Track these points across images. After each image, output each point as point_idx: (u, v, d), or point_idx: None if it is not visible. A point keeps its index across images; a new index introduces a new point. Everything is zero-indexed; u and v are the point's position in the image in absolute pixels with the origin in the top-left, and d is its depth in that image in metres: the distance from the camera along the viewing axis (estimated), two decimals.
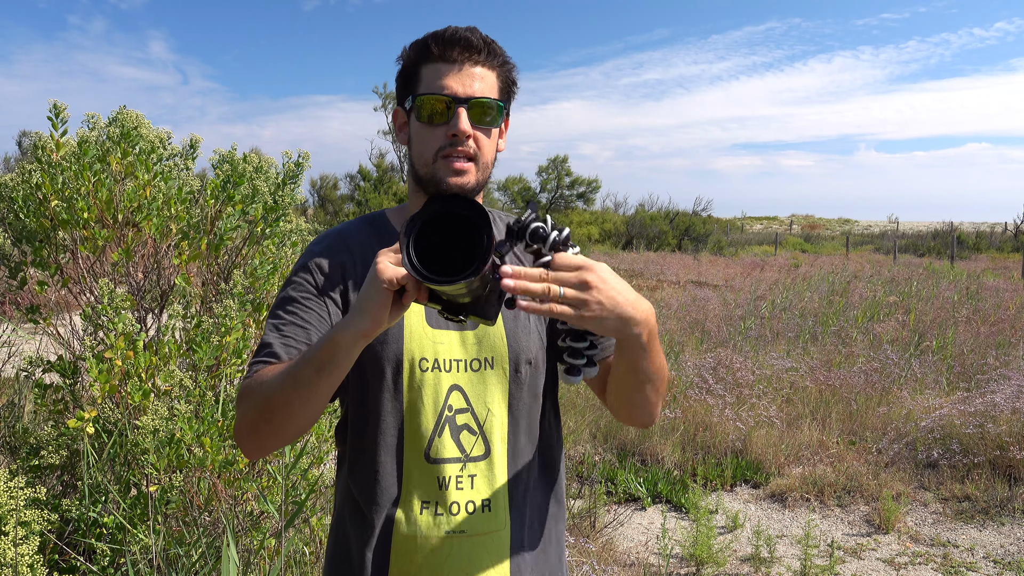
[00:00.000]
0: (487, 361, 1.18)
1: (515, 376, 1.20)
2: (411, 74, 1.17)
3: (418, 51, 1.16)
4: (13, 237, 3.01)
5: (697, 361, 6.79)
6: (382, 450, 1.16)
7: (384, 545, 1.15)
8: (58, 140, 2.86)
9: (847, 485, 4.78)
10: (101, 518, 2.44)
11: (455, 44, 1.14)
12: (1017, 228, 35.35)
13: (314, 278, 1.18)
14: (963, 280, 14.41)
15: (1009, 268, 20.40)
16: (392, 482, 1.15)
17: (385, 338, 1.15)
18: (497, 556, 1.16)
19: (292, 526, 2.58)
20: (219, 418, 2.41)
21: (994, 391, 5.48)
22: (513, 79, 1.21)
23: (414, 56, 1.17)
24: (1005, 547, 4.05)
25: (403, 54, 1.20)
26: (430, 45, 1.15)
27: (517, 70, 1.22)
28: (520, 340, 1.21)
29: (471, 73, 1.14)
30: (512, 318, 1.22)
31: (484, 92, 1.15)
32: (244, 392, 1.09)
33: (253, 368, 1.11)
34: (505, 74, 1.19)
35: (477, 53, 1.15)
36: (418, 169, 1.17)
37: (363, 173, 31.31)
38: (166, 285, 3.03)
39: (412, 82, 1.17)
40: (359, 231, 1.24)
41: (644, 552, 3.95)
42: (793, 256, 25.22)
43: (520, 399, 1.21)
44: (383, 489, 1.15)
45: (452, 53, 1.14)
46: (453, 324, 1.18)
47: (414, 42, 1.18)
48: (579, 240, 26.50)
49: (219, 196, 2.97)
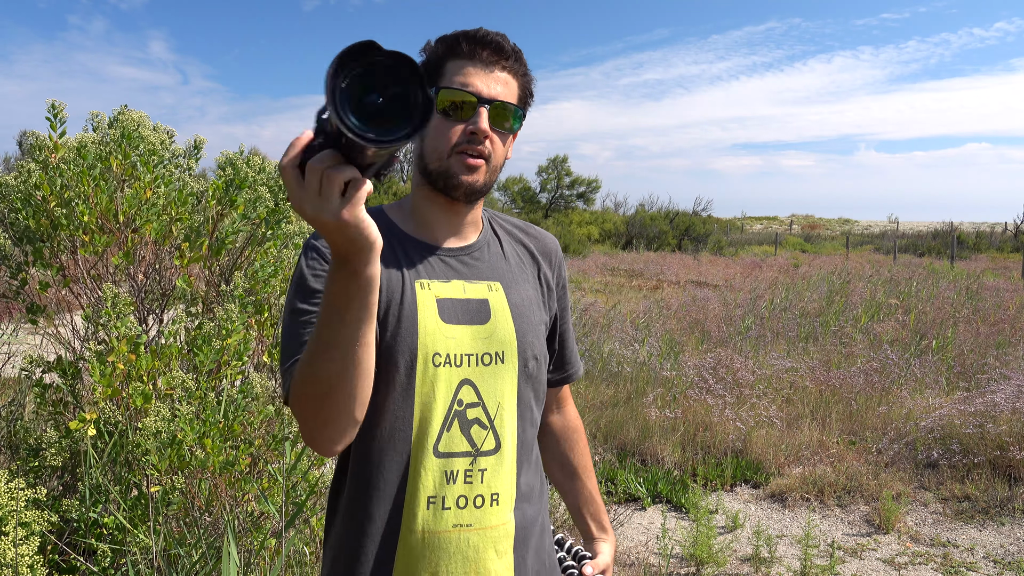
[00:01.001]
0: (498, 356, 1.19)
1: (524, 370, 1.22)
2: (435, 67, 1.18)
3: (447, 46, 1.18)
4: (14, 237, 3.02)
5: (697, 361, 6.79)
6: (391, 444, 1.16)
7: (390, 539, 1.15)
8: (56, 141, 2.86)
9: (847, 485, 4.78)
10: (102, 519, 2.44)
11: (486, 45, 1.16)
12: (1017, 228, 35.35)
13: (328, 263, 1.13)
14: (963, 280, 14.41)
15: (1009, 268, 20.40)
16: (400, 476, 1.15)
17: (399, 333, 1.15)
18: (502, 548, 1.18)
19: (292, 526, 2.58)
20: (220, 419, 2.42)
21: (994, 391, 5.48)
22: (531, 91, 1.23)
23: (441, 51, 1.18)
24: (1005, 547, 4.05)
25: (427, 47, 1.21)
26: (460, 42, 1.16)
27: (536, 82, 1.24)
28: (528, 336, 1.23)
29: (496, 77, 1.16)
30: (521, 314, 1.23)
31: (507, 97, 1.17)
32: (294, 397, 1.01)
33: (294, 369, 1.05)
34: (525, 84, 1.22)
35: (505, 59, 1.17)
36: (429, 163, 1.18)
37: None
38: (167, 287, 3.04)
39: (435, 74, 1.18)
40: None
41: (644, 552, 3.95)
42: (793, 256, 25.23)
43: (528, 393, 1.23)
44: (390, 483, 1.16)
45: (482, 53, 1.16)
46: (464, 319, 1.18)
47: (442, 37, 1.19)
48: (579, 240, 26.48)
49: (221, 199, 2.98)
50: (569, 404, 1.50)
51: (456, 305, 1.19)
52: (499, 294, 1.23)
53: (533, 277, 1.31)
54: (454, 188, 1.17)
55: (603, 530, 1.46)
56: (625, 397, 6.05)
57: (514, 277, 1.27)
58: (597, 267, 19.73)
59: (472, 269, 1.24)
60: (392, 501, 1.15)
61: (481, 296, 1.21)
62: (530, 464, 1.25)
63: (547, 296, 1.33)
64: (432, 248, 1.23)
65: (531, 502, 1.25)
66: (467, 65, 1.16)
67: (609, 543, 1.45)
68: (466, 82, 1.15)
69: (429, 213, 1.23)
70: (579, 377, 1.46)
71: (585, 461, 1.48)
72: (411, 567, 1.15)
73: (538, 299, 1.30)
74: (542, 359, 1.26)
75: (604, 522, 1.47)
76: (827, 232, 48.04)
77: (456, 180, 1.15)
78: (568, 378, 1.43)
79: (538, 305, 1.29)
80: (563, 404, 1.49)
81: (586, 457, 1.49)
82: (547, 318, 1.32)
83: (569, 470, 1.47)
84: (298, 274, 1.16)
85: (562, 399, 1.48)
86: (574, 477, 1.47)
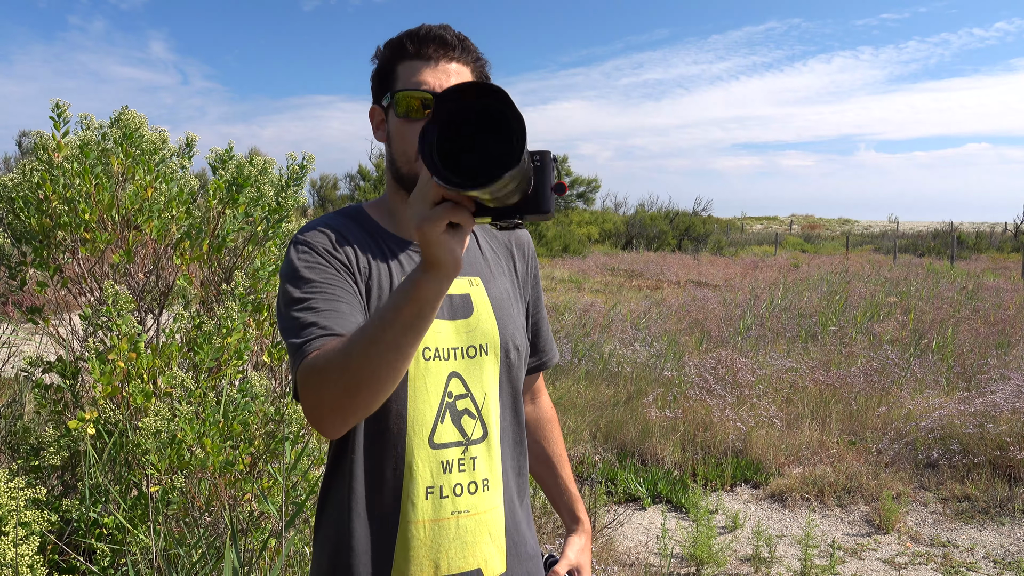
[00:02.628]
0: (482, 348, 1.24)
1: (506, 361, 1.27)
2: (387, 72, 1.21)
3: (393, 49, 1.20)
4: (13, 237, 3.02)
5: (697, 361, 6.79)
6: (388, 438, 1.18)
7: (388, 531, 1.18)
8: (59, 141, 2.86)
9: (847, 485, 4.78)
10: (101, 518, 2.44)
11: (430, 41, 1.18)
12: (1017, 228, 35.35)
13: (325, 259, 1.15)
14: (963, 280, 14.41)
15: (1009, 268, 20.40)
16: (398, 469, 1.18)
17: None
18: (495, 531, 1.23)
19: (292, 526, 2.58)
20: (220, 419, 2.41)
21: (994, 391, 5.48)
22: (487, 75, 1.25)
23: (389, 54, 1.21)
24: (1005, 547, 4.05)
25: (377, 53, 1.24)
26: (405, 43, 1.19)
27: (490, 65, 1.26)
28: (509, 328, 1.27)
29: (446, 69, 1.18)
30: (501, 307, 1.28)
31: None
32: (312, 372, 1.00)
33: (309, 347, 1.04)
34: (479, 69, 1.24)
35: (452, 50, 1.19)
36: (400, 167, 1.21)
37: (363, 173, 31.30)
38: (166, 285, 3.03)
39: (388, 80, 1.21)
40: (346, 224, 1.24)
41: (644, 552, 3.95)
42: (793, 256, 25.23)
43: (509, 382, 1.28)
44: (388, 475, 1.18)
45: (427, 50, 1.18)
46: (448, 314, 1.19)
47: (388, 41, 1.22)
48: (579, 240, 26.50)
49: (222, 198, 2.97)
50: (543, 395, 1.53)
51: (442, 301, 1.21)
52: (479, 288, 1.27)
53: (509, 270, 1.36)
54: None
55: (575, 520, 1.49)
56: (625, 397, 6.05)
57: (492, 271, 1.31)
58: (597, 267, 19.74)
59: None
60: (392, 493, 1.18)
61: (463, 291, 1.25)
62: (514, 449, 1.31)
63: (521, 288, 1.38)
64: (414, 245, 1.25)
65: (518, 486, 1.31)
66: (416, 64, 1.18)
67: (580, 534, 1.47)
68: (419, 80, 1.17)
69: (405, 213, 1.25)
70: (554, 363, 1.50)
71: (559, 450, 1.52)
72: (411, 556, 1.17)
73: (514, 291, 1.34)
74: (522, 349, 1.31)
75: (577, 511, 1.49)
76: (827, 232, 48.05)
77: None
78: (543, 364, 1.47)
79: (514, 297, 1.34)
80: (537, 395, 1.52)
81: (560, 446, 1.53)
82: (523, 309, 1.37)
83: (543, 460, 1.51)
84: (290, 267, 1.15)
85: (536, 390, 1.52)
86: (549, 467, 1.51)
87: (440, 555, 1.18)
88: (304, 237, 1.18)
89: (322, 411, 1.00)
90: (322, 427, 1.03)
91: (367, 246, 1.21)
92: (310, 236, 1.18)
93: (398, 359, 0.94)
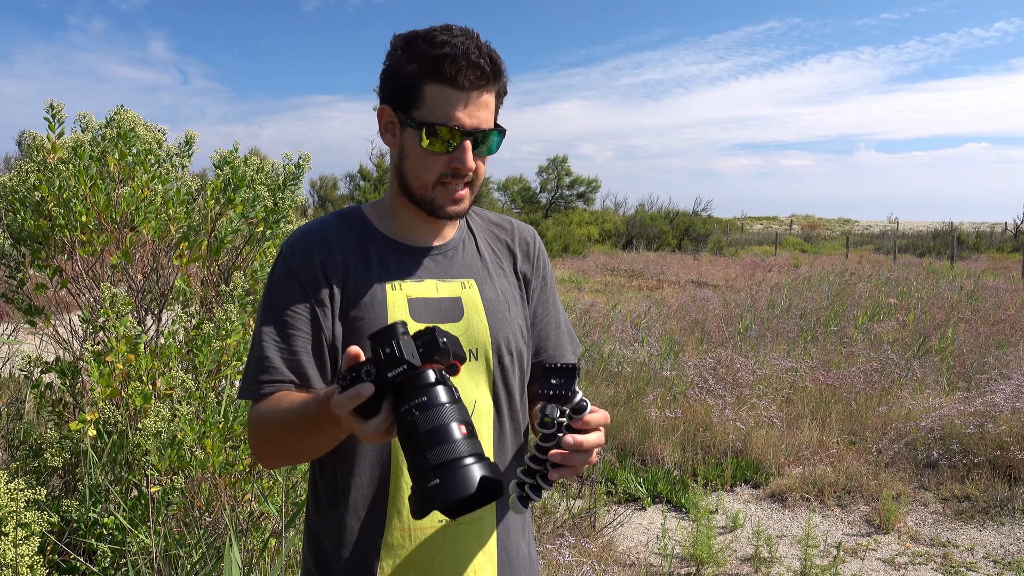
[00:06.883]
0: (472, 353, 1.21)
1: (499, 367, 1.23)
2: (411, 86, 1.12)
3: (423, 63, 1.11)
4: (12, 237, 3.01)
5: (697, 361, 6.79)
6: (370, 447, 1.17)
7: (374, 539, 1.16)
8: (55, 142, 2.86)
9: (847, 485, 4.78)
10: (102, 519, 2.44)
11: (468, 70, 1.10)
12: (1017, 228, 35.35)
13: (299, 281, 1.17)
14: (963, 280, 14.41)
15: (1009, 268, 20.40)
16: (383, 477, 1.17)
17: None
18: (486, 541, 1.20)
19: (292, 526, 2.58)
20: (220, 420, 2.41)
21: (994, 391, 5.48)
22: (506, 90, 1.20)
23: (418, 67, 1.11)
24: (1005, 547, 4.05)
25: (395, 55, 1.14)
26: (441, 65, 1.10)
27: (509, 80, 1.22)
28: (503, 331, 1.24)
29: (477, 103, 1.13)
30: (495, 309, 1.24)
31: (488, 121, 1.15)
32: (254, 425, 1.14)
33: (259, 389, 1.15)
34: (501, 91, 1.19)
35: (487, 81, 1.13)
36: (414, 190, 1.18)
37: (363, 173, 31.29)
38: (165, 286, 3.03)
39: (413, 96, 1.13)
40: (336, 228, 1.23)
41: (644, 552, 3.95)
42: (793, 256, 25.23)
43: (504, 388, 1.24)
44: (374, 484, 1.17)
45: (463, 80, 1.10)
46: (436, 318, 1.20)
47: (412, 45, 1.12)
48: (579, 240, 26.51)
49: (219, 198, 2.97)
50: None
51: (428, 304, 1.20)
52: (472, 291, 1.24)
53: (510, 271, 1.32)
54: (438, 213, 1.18)
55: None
56: (625, 397, 6.05)
57: (489, 272, 1.28)
58: (597, 267, 19.74)
59: (446, 267, 1.24)
60: (378, 500, 1.17)
61: (454, 294, 1.22)
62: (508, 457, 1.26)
63: (525, 288, 1.33)
64: (407, 248, 1.23)
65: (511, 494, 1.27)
66: (448, 93, 1.11)
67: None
68: (449, 114, 1.11)
69: (407, 218, 1.24)
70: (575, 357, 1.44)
71: None
72: (397, 563, 1.16)
73: (514, 293, 1.30)
74: (518, 353, 1.26)
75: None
76: (827, 232, 48.04)
77: (443, 211, 1.18)
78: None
79: (515, 299, 1.29)
80: None
81: None
82: (526, 311, 1.32)
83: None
84: (269, 281, 1.21)
85: None
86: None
87: (427, 564, 1.16)
88: (286, 251, 1.21)
89: (261, 456, 1.18)
90: (266, 466, 1.21)
91: (349, 248, 1.20)
92: (290, 251, 1.21)
93: (318, 444, 1.09)
